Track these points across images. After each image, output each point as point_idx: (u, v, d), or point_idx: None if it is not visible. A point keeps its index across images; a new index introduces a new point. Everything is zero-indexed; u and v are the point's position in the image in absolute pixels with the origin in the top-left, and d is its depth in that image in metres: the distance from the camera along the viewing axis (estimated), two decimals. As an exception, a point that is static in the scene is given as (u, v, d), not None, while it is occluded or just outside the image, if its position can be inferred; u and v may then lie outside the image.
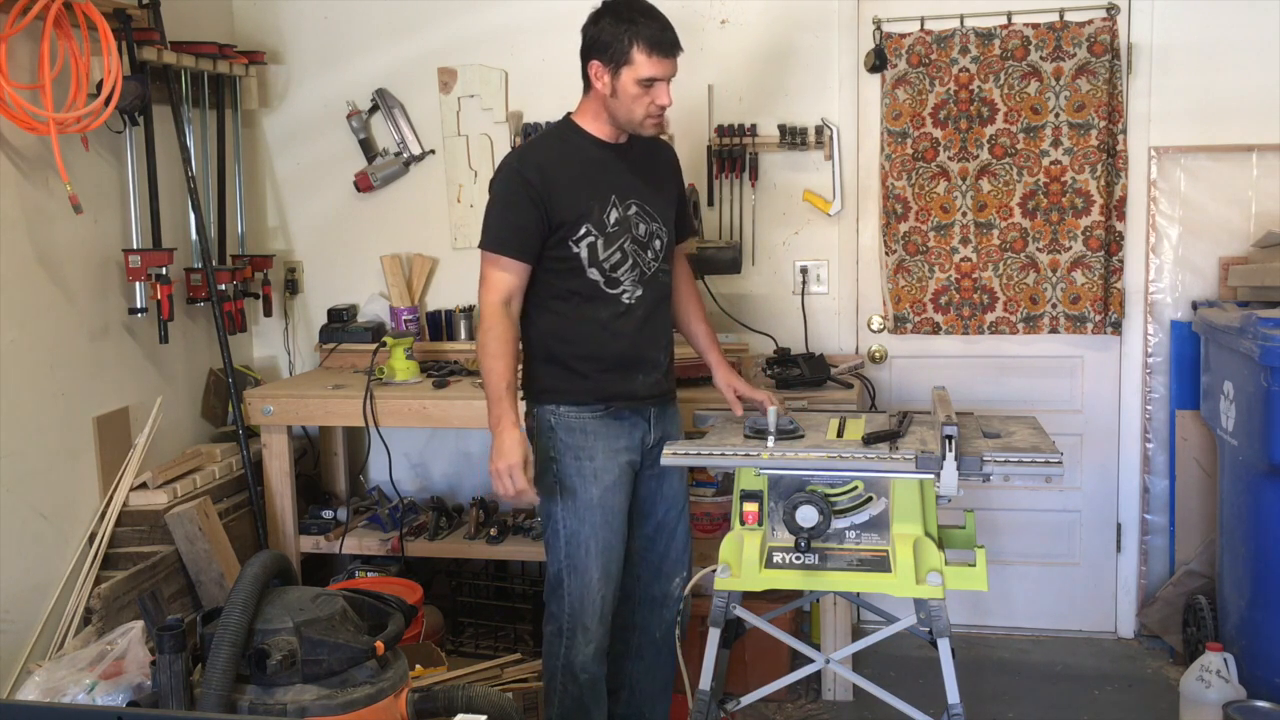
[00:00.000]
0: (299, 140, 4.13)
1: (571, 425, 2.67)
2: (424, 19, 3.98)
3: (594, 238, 2.61)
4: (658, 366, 2.75)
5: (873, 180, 3.82)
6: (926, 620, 2.42)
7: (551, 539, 2.71)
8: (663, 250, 2.73)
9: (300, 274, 4.20)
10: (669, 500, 2.83)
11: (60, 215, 3.12)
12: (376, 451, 3.85)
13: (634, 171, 2.71)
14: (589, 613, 2.67)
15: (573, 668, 2.70)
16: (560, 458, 2.67)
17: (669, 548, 2.85)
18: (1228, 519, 3.34)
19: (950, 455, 2.34)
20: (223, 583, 3.27)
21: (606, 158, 2.67)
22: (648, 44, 2.53)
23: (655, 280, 2.72)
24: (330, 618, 2.14)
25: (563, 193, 2.59)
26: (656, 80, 2.56)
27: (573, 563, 2.67)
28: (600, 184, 2.64)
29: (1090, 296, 3.68)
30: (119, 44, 3.13)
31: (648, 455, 2.76)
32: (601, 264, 2.63)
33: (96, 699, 2.54)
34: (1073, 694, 3.48)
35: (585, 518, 2.66)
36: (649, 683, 2.92)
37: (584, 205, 2.60)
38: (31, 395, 3.04)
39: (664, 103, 2.59)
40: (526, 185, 2.57)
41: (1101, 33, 3.58)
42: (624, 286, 2.67)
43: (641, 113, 2.59)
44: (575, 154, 2.65)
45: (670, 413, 2.84)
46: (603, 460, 2.67)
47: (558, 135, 2.72)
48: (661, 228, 2.72)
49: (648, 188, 2.72)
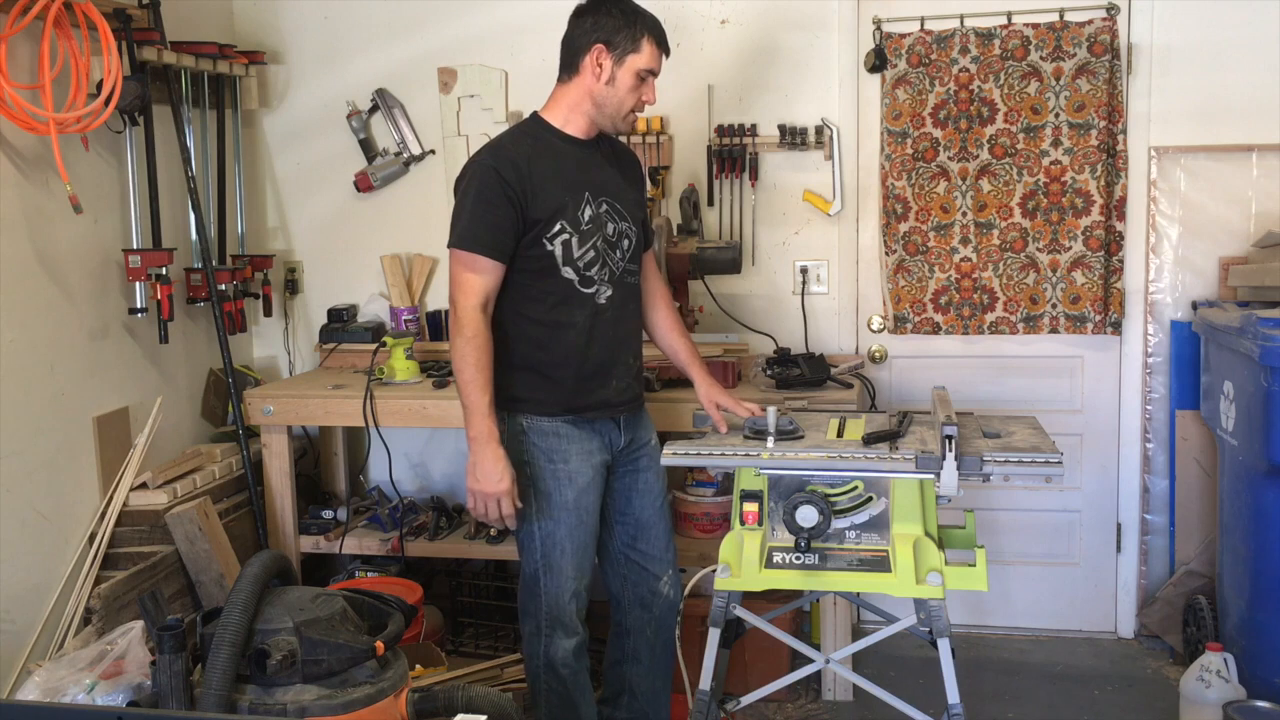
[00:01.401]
0: (299, 140, 4.13)
1: (544, 430, 2.65)
2: (424, 19, 3.98)
3: (568, 235, 2.58)
4: (629, 370, 2.73)
5: (873, 180, 3.82)
6: (926, 620, 2.43)
7: (526, 540, 2.69)
8: (630, 250, 2.71)
9: (300, 274, 4.20)
10: (644, 497, 2.81)
11: (60, 215, 3.12)
12: (376, 451, 3.85)
13: (604, 169, 2.70)
14: (566, 610, 2.68)
15: (554, 664, 2.70)
16: (534, 461, 2.65)
17: (652, 546, 2.84)
18: (1228, 519, 3.34)
19: (950, 455, 2.34)
20: (223, 583, 3.27)
21: (579, 154, 2.65)
22: (655, 37, 2.61)
23: (623, 281, 2.70)
24: (330, 618, 2.14)
25: (539, 189, 2.55)
26: (652, 75, 2.63)
27: (549, 562, 2.67)
28: (574, 180, 2.61)
29: (1090, 296, 3.68)
30: (119, 44, 3.13)
31: (619, 456, 2.77)
32: (575, 262, 2.60)
33: (96, 699, 2.54)
34: (1073, 694, 3.48)
35: (560, 519, 2.65)
36: (649, 685, 2.92)
37: (559, 202, 2.57)
38: (31, 395, 3.04)
39: (651, 100, 2.64)
40: (503, 183, 2.52)
41: (1101, 33, 3.59)
42: (597, 285, 2.64)
43: (630, 105, 2.62)
44: (548, 150, 2.61)
45: (641, 416, 2.83)
46: (576, 463, 2.65)
47: (528, 131, 2.67)
48: (631, 227, 2.71)
49: (618, 187, 2.71)
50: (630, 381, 2.73)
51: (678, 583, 2.90)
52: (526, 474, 2.64)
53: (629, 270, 2.73)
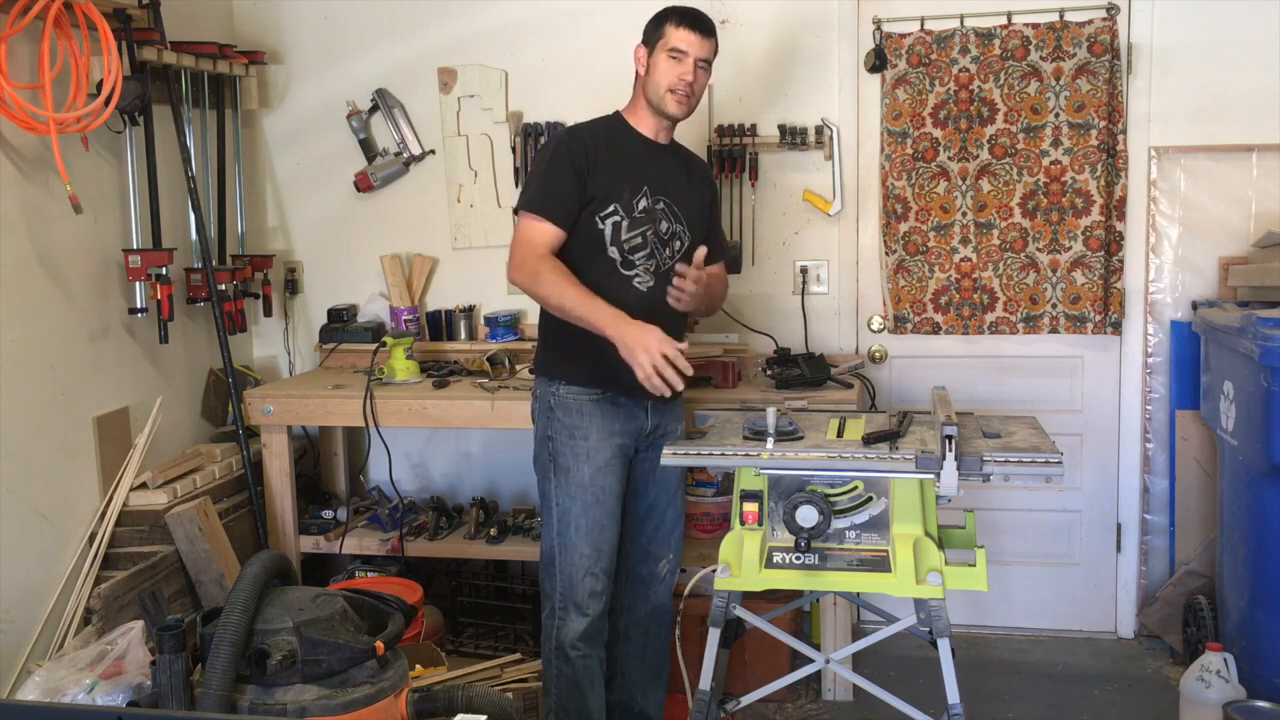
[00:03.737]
0: (299, 140, 4.13)
1: (569, 406, 2.77)
2: (424, 19, 3.98)
3: (619, 218, 2.74)
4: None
5: (873, 180, 3.82)
6: (926, 620, 2.42)
7: (546, 516, 2.82)
8: (682, 251, 2.83)
9: (300, 274, 4.20)
10: (661, 484, 2.92)
11: (60, 215, 3.12)
12: (376, 451, 3.85)
13: (670, 171, 2.86)
14: (580, 590, 2.76)
15: (564, 647, 2.77)
16: (556, 436, 2.78)
17: (657, 529, 2.94)
18: (1228, 519, 3.34)
19: (950, 455, 2.34)
20: (223, 583, 3.27)
21: (647, 150, 2.84)
22: (678, 18, 2.77)
23: (667, 277, 2.78)
24: (330, 618, 2.14)
25: (601, 170, 2.74)
26: (685, 53, 2.74)
27: (564, 540, 2.76)
28: (636, 172, 2.79)
29: (1090, 296, 3.68)
30: (119, 44, 3.13)
31: (643, 441, 2.86)
32: (622, 244, 2.75)
33: (96, 699, 2.54)
34: (1073, 694, 3.48)
35: (577, 495, 2.75)
36: (638, 667, 2.97)
37: (617, 186, 2.75)
38: (31, 395, 3.04)
39: (688, 77, 2.74)
40: (572, 155, 2.73)
41: (1101, 33, 3.58)
42: (638, 271, 2.77)
43: (665, 84, 2.74)
44: (619, 140, 2.81)
45: (672, 405, 2.89)
46: (596, 440, 2.76)
47: (605, 123, 2.87)
48: (685, 230, 2.85)
49: (680, 190, 2.86)
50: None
51: (676, 569, 2.98)
52: (549, 449, 2.79)
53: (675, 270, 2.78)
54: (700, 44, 2.75)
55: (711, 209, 3.03)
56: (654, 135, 2.84)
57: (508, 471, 4.08)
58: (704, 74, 2.80)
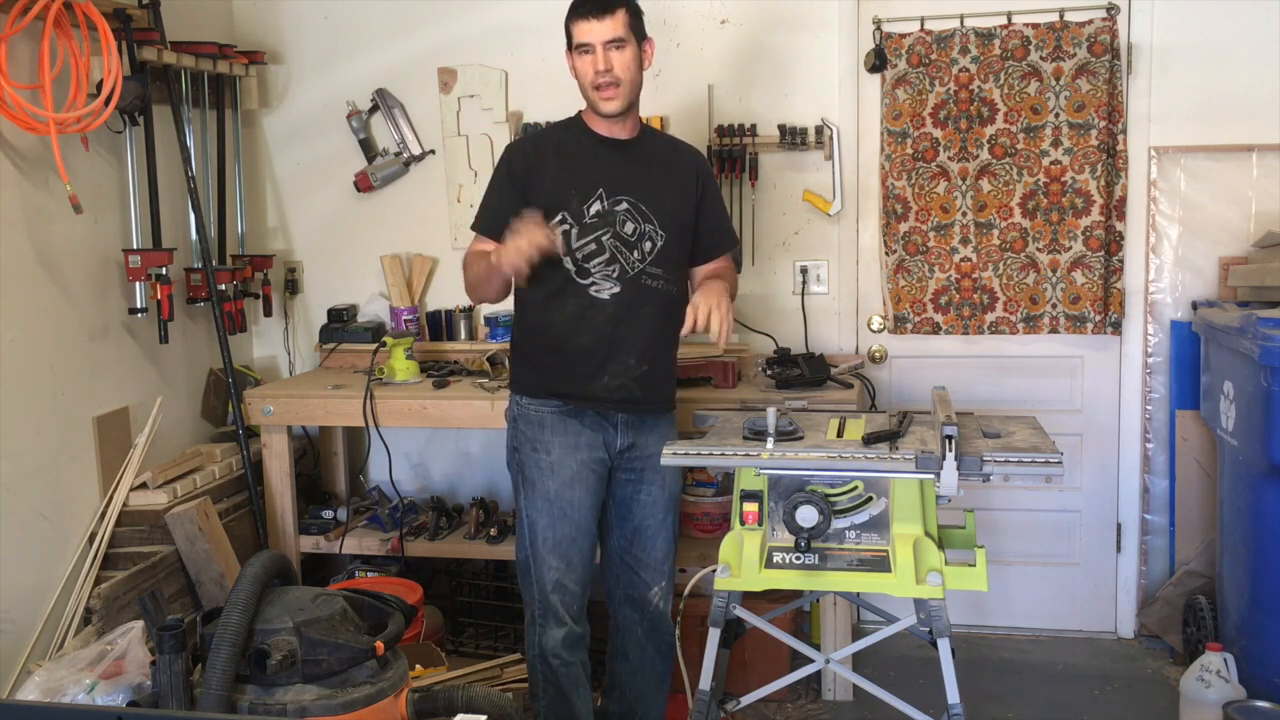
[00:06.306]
0: (299, 140, 4.13)
1: (530, 418, 2.75)
2: (424, 19, 3.98)
3: (568, 226, 2.65)
4: (627, 371, 2.69)
5: (873, 180, 3.82)
6: (926, 620, 2.43)
7: (518, 527, 2.81)
8: (654, 253, 2.70)
9: (300, 274, 4.20)
10: (647, 508, 2.81)
11: (60, 215, 3.12)
12: (376, 451, 3.85)
13: (635, 169, 2.71)
14: (554, 601, 2.72)
15: (545, 654, 2.74)
16: (521, 448, 2.76)
17: (646, 556, 2.84)
18: (1228, 519, 3.34)
19: (950, 455, 2.34)
20: (223, 583, 3.27)
21: (604, 152, 2.72)
22: (573, 14, 2.64)
23: (639, 282, 2.69)
24: (330, 618, 2.14)
25: (544, 179, 2.67)
26: (590, 44, 2.60)
27: (535, 552, 2.74)
28: (587, 176, 2.68)
29: (1090, 296, 3.68)
30: (119, 44, 3.13)
31: (619, 459, 2.77)
32: (574, 253, 2.66)
33: (96, 699, 2.54)
34: (1073, 694, 3.48)
35: (543, 509, 2.72)
36: (638, 682, 2.94)
37: (563, 194, 2.66)
38: (31, 395, 3.04)
39: (601, 66, 2.60)
40: (510, 168, 2.72)
41: (1101, 33, 3.58)
42: (594, 279, 2.67)
43: (588, 81, 2.64)
44: (572, 144, 2.72)
45: (650, 423, 2.78)
46: (559, 455, 2.71)
47: (563, 125, 2.80)
48: (657, 230, 2.70)
49: (648, 188, 2.71)
50: (627, 382, 2.70)
51: (669, 596, 2.89)
52: (517, 460, 2.77)
53: (649, 273, 2.70)
54: (601, 27, 2.57)
55: (704, 198, 2.83)
56: (611, 132, 2.71)
57: (507, 471, 4.07)
58: (623, 52, 2.59)
